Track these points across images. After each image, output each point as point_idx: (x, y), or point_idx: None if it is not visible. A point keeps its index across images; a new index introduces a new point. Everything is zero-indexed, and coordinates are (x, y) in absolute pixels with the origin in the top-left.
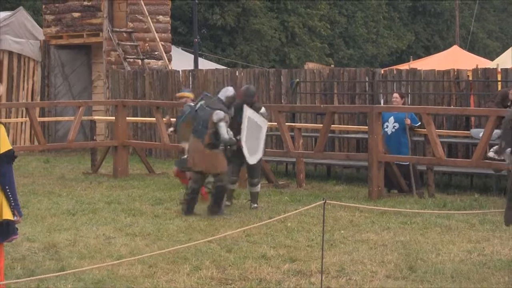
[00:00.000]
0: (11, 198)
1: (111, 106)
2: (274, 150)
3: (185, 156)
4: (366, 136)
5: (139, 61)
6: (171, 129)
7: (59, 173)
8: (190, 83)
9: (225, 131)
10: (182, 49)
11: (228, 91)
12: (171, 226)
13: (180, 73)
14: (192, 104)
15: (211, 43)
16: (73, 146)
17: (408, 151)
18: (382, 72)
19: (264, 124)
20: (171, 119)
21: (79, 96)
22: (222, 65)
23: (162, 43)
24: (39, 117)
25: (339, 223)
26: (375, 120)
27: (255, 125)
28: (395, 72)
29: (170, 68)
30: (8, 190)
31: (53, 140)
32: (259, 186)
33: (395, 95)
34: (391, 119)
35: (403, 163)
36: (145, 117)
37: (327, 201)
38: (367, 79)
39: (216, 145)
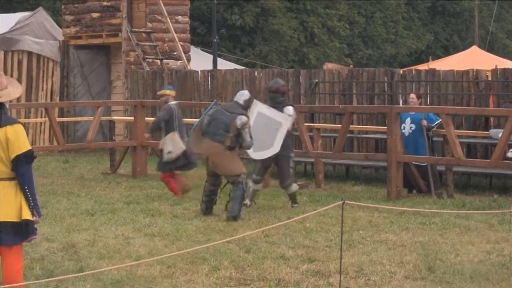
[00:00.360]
0: (30, 198)
1: (130, 106)
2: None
3: (166, 159)
4: (385, 136)
5: (158, 61)
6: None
7: (78, 173)
8: (209, 83)
9: (248, 136)
10: (201, 50)
11: (244, 95)
12: (190, 226)
13: (199, 73)
14: (174, 102)
15: (230, 43)
16: (92, 146)
17: (425, 152)
18: (401, 72)
19: (286, 121)
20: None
21: (98, 96)
22: (241, 65)
23: (181, 43)
24: (58, 117)
25: (357, 223)
26: (394, 121)
27: (270, 121)
28: (414, 73)
29: (189, 68)
30: (27, 190)
31: (72, 141)
32: (293, 186)
33: (412, 95)
34: (408, 120)
35: (421, 164)
36: None
37: (345, 202)
38: (386, 79)
39: (234, 148)
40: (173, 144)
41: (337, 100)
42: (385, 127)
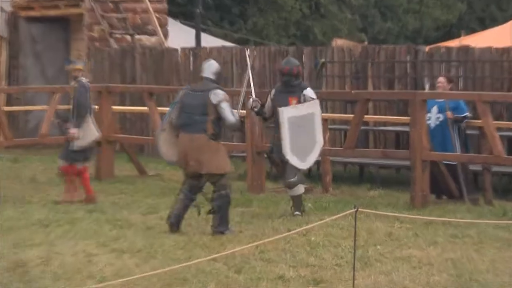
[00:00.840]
0: None
1: (93, 92)
2: None
3: (76, 148)
4: (407, 129)
5: (128, 37)
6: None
7: (30, 174)
8: (191, 64)
9: (230, 113)
10: (181, 22)
11: (212, 66)
12: (167, 240)
13: (179, 51)
14: (85, 79)
15: (216, 14)
16: (46, 141)
17: (455, 148)
18: (427, 50)
19: (315, 106)
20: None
21: (54, 80)
22: (231, 42)
23: (157, 15)
24: (5, 105)
25: (374, 236)
26: (419, 109)
27: (303, 119)
28: (443, 50)
29: (166, 45)
30: None
31: (22, 135)
32: (299, 187)
33: (440, 79)
34: (435, 109)
35: (452, 163)
36: (135, 106)
37: (359, 209)
38: (408, 58)
39: (219, 136)
40: (86, 129)
41: (348, 84)
42: (408, 118)
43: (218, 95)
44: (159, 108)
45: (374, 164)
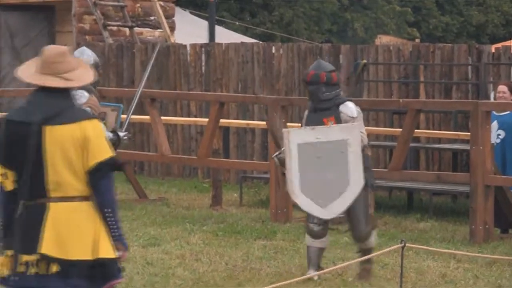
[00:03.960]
0: (114, 226)
1: None
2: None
3: None
4: (467, 147)
5: (127, 29)
6: None
7: None
8: (203, 63)
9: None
10: (191, 13)
11: (84, 55)
12: (172, 279)
13: (188, 48)
14: None
15: (235, 4)
16: None
17: None
18: (493, 50)
19: (352, 131)
20: None
21: None
22: (251, 37)
23: (162, 3)
24: None
25: (425, 278)
26: (482, 123)
27: (326, 149)
28: None
29: (172, 41)
30: (110, 215)
31: None
32: (372, 239)
33: (501, 87)
34: (495, 124)
35: None
36: (134, 114)
37: (407, 245)
38: (470, 60)
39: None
40: None
41: (396, 91)
42: (468, 133)
43: (76, 98)
44: (163, 118)
45: (426, 189)
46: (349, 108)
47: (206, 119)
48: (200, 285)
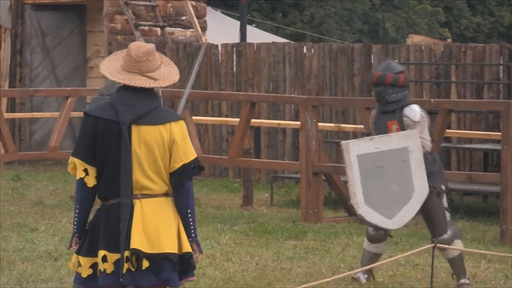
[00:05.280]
0: (192, 227)
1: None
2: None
3: None
4: (498, 147)
5: (158, 29)
6: None
7: (36, 196)
8: (234, 63)
9: None
10: (223, 13)
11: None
12: (202, 279)
13: (219, 48)
14: None
15: (266, 4)
16: (56, 156)
17: None
18: None
19: (413, 138)
20: None
21: (67, 81)
22: (282, 37)
23: (193, 3)
24: (7, 112)
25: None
26: None
27: (387, 158)
28: None
29: (204, 40)
30: (189, 215)
31: (27, 147)
32: (456, 244)
33: None
34: None
35: None
36: None
37: (437, 245)
38: (502, 60)
39: None
40: None
41: (427, 91)
42: (499, 133)
43: None
44: (194, 118)
45: (457, 189)
46: (413, 111)
47: (237, 119)
48: (230, 285)
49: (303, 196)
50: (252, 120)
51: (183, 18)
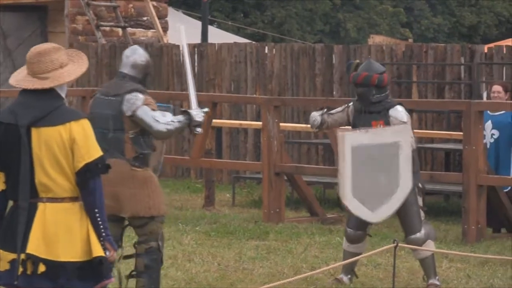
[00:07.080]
0: (101, 226)
1: (75, 97)
2: (320, 167)
3: None
4: (459, 146)
5: (119, 30)
6: None
7: None
8: (196, 63)
9: (151, 119)
10: (184, 13)
11: (137, 54)
12: (164, 280)
13: (181, 49)
14: None
15: (227, 5)
16: None
17: (510, 172)
18: (486, 50)
19: (403, 134)
20: None
21: None
22: (243, 37)
23: (154, 3)
24: None
25: (417, 277)
26: (474, 123)
27: (379, 150)
28: (505, 51)
29: (165, 41)
30: (97, 215)
31: None
32: (428, 245)
33: (496, 87)
34: (489, 124)
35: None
36: None
37: (399, 244)
38: (462, 60)
39: (146, 159)
40: None
41: (389, 90)
42: (460, 133)
43: (130, 101)
44: None
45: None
46: (399, 112)
47: None
48: (192, 285)
49: (265, 197)
50: (214, 121)
51: (145, 18)
